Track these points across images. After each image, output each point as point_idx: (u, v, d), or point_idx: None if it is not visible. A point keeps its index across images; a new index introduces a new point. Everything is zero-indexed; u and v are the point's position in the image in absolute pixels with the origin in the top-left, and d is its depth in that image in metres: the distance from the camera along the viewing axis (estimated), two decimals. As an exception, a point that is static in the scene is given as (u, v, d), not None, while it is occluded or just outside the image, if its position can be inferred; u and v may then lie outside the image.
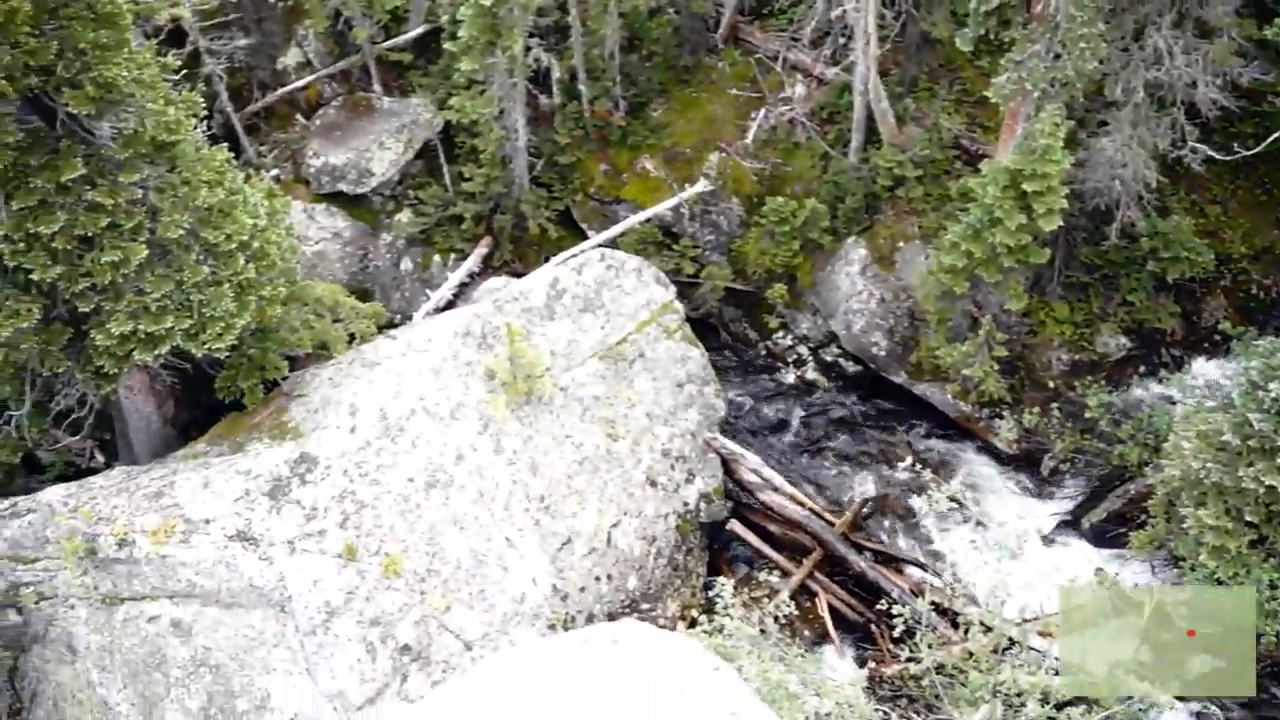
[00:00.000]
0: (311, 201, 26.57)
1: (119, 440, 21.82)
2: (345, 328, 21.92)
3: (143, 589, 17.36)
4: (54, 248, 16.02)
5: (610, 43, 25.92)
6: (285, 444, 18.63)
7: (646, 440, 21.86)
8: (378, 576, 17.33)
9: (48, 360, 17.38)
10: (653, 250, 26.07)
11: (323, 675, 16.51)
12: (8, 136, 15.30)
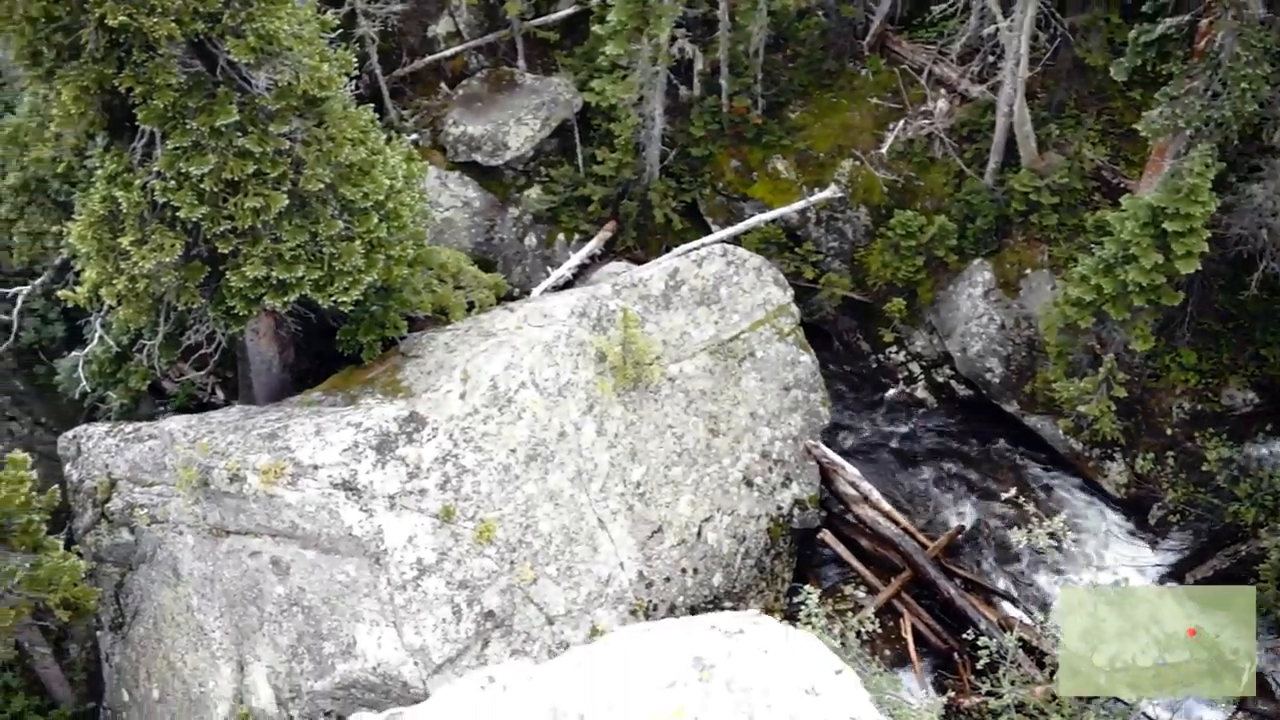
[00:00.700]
0: (446, 169, 27.11)
1: (240, 380, 22.65)
2: (466, 295, 22.36)
3: (248, 524, 18.00)
4: (202, 189, 16.65)
5: (756, 40, 25.86)
6: (396, 402, 19.09)
7: (747, 440, 21.83)
8: (471, 541, 17.66)
9: (184, 296, 18.09)
10: (774, 251, 25.96)
11: (408, 630, 16.90)
12: (171, 78, 15.93)
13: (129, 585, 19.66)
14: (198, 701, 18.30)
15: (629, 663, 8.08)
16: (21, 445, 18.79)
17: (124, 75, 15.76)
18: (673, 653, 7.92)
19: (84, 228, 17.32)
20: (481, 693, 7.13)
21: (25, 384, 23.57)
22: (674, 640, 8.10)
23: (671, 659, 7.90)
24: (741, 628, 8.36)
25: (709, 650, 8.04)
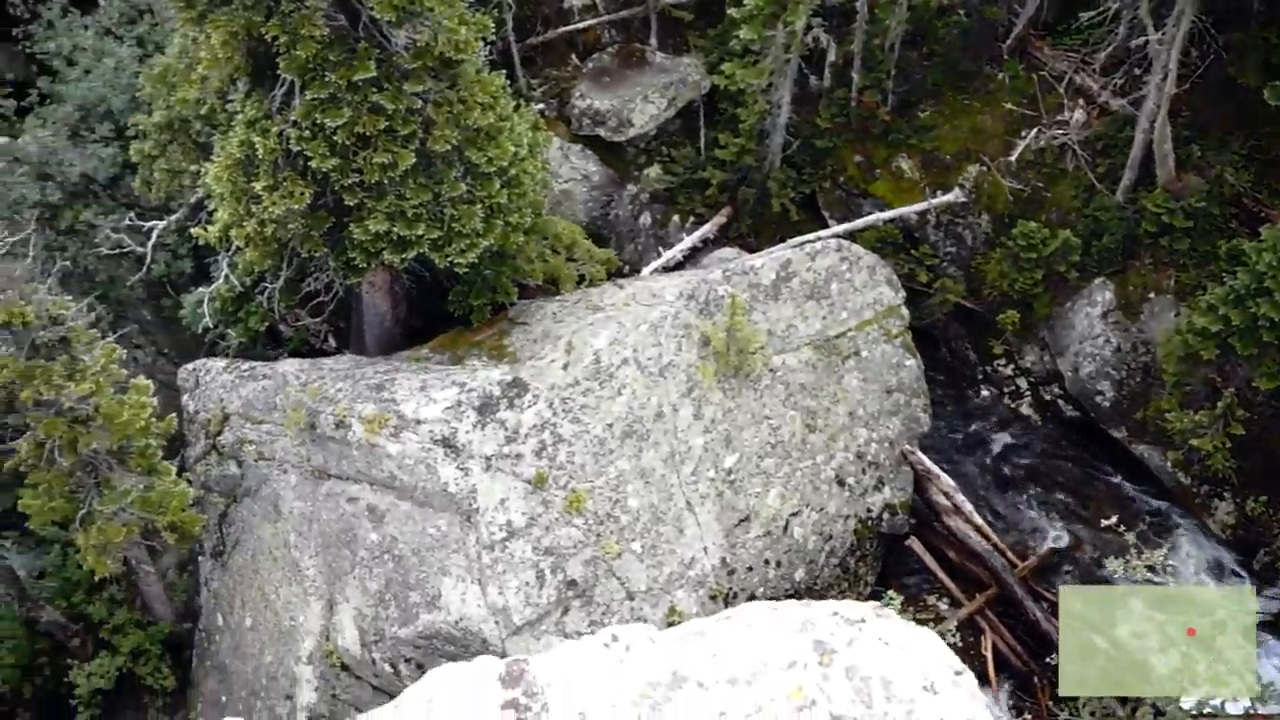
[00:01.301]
0: (569, 141, 27.33)
1: (352, 330, 23.28)
2: (577, 268, 22.59)
3: (349, 470, 18.54)
4: (334, 140, 17.12)
5: (893, 34, 25.48)
6: (501, 366, 19.43)
7: (844, 438, 21.69)
8: (561, 509, 17.92)
9: (307, 244, 18.65)
10: (890, 251, 25.62)
11: (492, 589, 17.24)
12: (315, 30, 16.36)
13: (232, 516, 20.44)
14: (287, 633, 19.00)
15: (750, 639, 8.22)
16: (145, 373, 19.57)
17: (271, 24, 16.26)
18: (794, 634, 8.04)
19: (220, 170, 17.96)
20: (605, 650, 7.33)
21: (152, 315, 24.59)
22: (796, 622, 8.22)
23: (793, 640, 8.03)
24: (864, 617, 8.44)
25: (831, 636, 8.14)
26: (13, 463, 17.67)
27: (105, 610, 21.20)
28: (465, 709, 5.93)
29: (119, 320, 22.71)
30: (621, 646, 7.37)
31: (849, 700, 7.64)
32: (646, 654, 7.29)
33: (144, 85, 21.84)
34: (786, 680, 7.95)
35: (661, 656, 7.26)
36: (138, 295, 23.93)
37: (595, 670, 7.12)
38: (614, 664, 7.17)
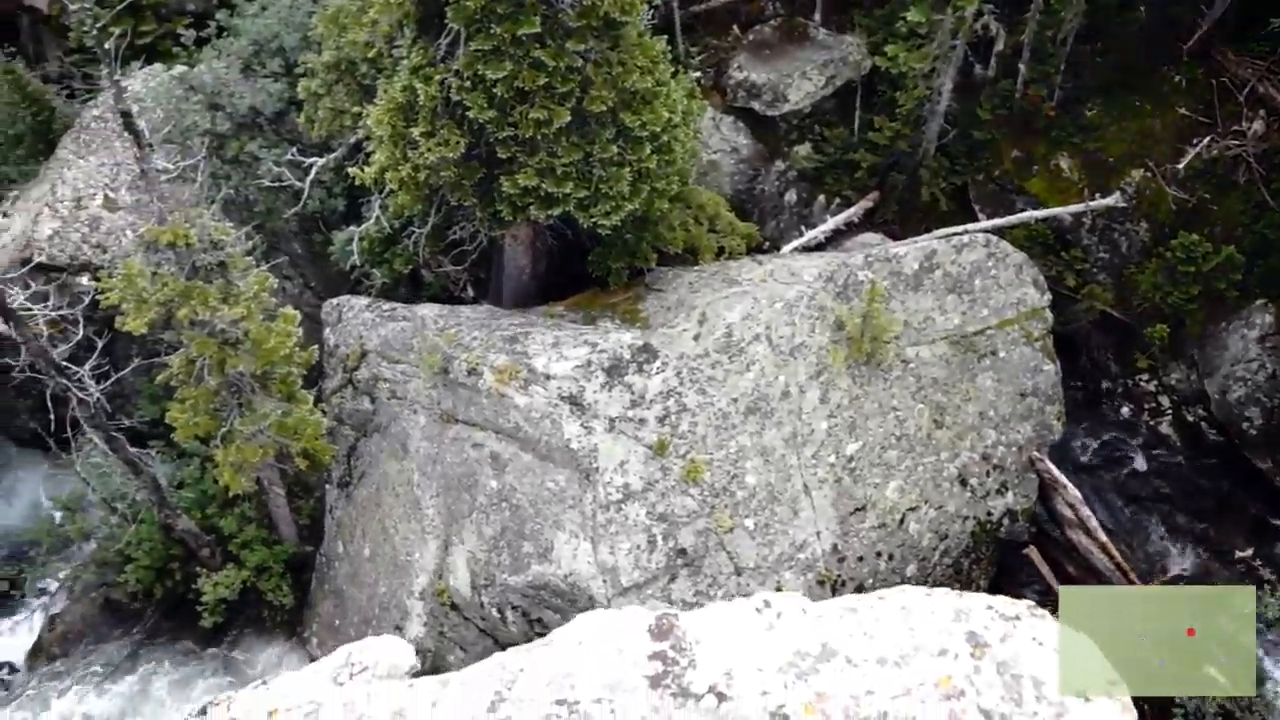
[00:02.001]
0: (722, 112, 27.20)
1: (491, 281, 23.70)
2: (718, 240, 22.54)
3: (476, 417, 18.95)
4: (493, 93, 17.37)
5: (1068, 28, 24.56)
6: (633, 330, 19.56)
7: (971, 438, 21.23)
8: (678, 478, 18.01)
9: (458, 192, 19.01)
10: (1039, 251, 24.84)
11: (603, 548, 17.47)
12: (485, -17, 16.60)
13: (360, 449, 21.12)
14: (402, 567, 19.60)
15: (903, 622, 8.22)
16: (292, 303, 20.30)
17: (444, -26, 16.56)
18: (948, 622, 8.01)
19: (382, 113, 18.41)
20: (757, 615, 7.41)
21: (303, 248, 25.43)
22: (950, 611, 8.19)
23: (946, 628, 8.00)
24: (1019, 614, 8.34)
25: (985, 629, 8.07)
26: (164, 376, 18.56)
27: (235, 525, 22.20)
28: (613, 655, 6.05)
29: (272, 250, 23.53)
30: (773, 613, 7.41)
31: (999, 696, 7.55)
32: (797, 623, 7.32)
33: (316, 25, 22.49)
34: (936, 667, 7.91)
35: (812, 627, 7.28)
36: (291, 228, 24.75)
37: (745, 633, 7.17)
38: (764, 629, 7.22)
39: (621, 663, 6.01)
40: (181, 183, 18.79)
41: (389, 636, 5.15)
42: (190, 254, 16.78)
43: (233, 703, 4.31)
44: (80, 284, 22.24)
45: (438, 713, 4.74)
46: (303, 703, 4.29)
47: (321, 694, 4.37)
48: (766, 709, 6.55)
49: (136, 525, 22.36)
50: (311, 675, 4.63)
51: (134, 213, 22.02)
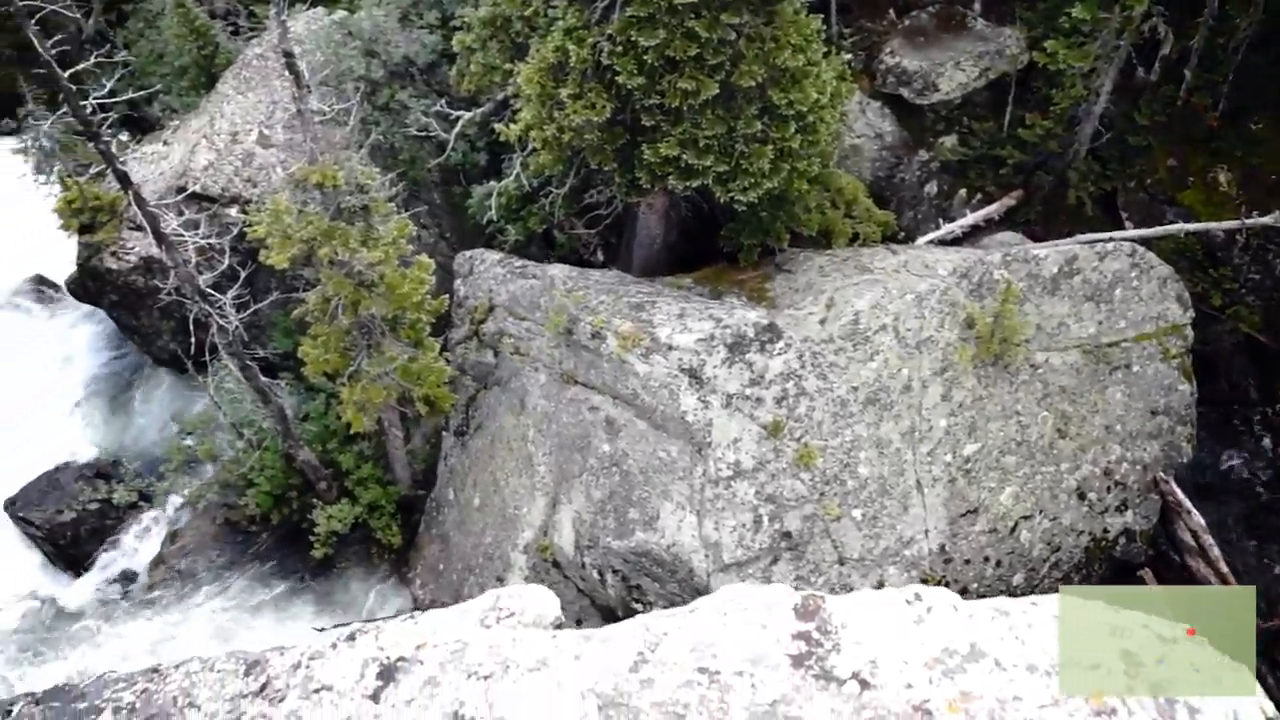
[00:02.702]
0: (869, 96, 26.78)
1: (622, 247, 23.81)
2: (853, 225, 22.26)
3: (595, 380, 19.12)
4: (644, 60, 17.40)
5: (1241, 34, 23.49)
6: (759, 309, 19.47)
7: (1094, 452, 20.62)
8: (790, 461, 17.93)
9: (599, 156, 19.13)
10: (1185, 266, 23.91)
11: (708, 523, 17.51)
12: (646, -51, 16.60)
13: (480, 401, 21.53)
14: (510, 520, 19.96)
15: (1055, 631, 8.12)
16: (427, 252, 20.70)
17: (603, -61, 16.62)
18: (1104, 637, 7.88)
19: (532, 71, 18.60)
20: (906, 606, 7.37)
21: (442, 199, 25.91)
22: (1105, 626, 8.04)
23: (1101, 643, 7.86)
24: (1176, 637, 8.14)
25: (1140, 648, 7.92)
26: (300, 312, 19.16)
27: (353, 462, 22.89)
28: (757, 630, 6.08)
29: (412, 199, 24.02)
30: (923, 607, 7.34)
31: (1150, 718, 7.40)
32: (947, 620, 7.24)
33: (475, -20, 22.82)
34: (1088, 680, 7.75)
35: (962, 626, 7.20)
36: (433, 178, 25.22)
37: (892, 624, 7.12)
38: (912, 622, 7.16)
39: (765, 638, 6.02)
40: (333, 125, 19.28)
41: (537, 586, 5.27)
42: (336, 195, 17.23)
43: (381, 632, 4.49)
44: (229, 215, 23.04)
45: (580, 666, 4.83)
46: (450, 640, 4.44)
47: (468, 634, 4.51)
48: (910, 702, 6.50)
49: (260, 452, 23.22)
50: (459, 615, 4.78)
51: (285, 151, 22.71)
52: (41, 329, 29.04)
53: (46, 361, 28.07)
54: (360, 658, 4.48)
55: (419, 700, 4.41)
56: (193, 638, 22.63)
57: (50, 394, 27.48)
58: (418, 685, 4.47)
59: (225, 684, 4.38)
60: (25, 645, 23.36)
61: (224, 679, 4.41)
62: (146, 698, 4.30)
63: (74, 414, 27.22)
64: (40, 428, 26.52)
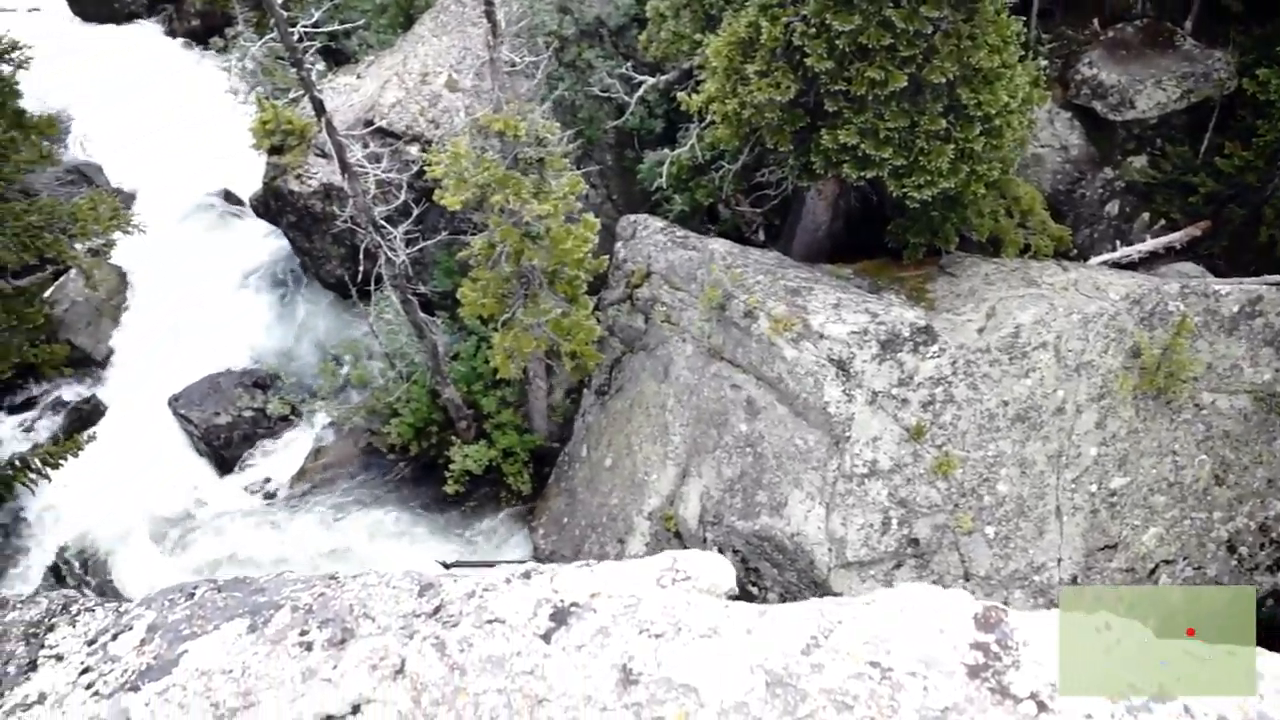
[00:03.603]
0: (1060, 106, 25.88)
1: (784, 230, 23.67)
2: (1025, 236, 21.61)
3: (741, 359, 19.13)
4: (835, 44, 17.19)
5: None
6: (916, 309, 19.13)
7: (1252, 504, 19.62)
8: (928, 468, 17.62)
9: (776, 136, 19.03)
10: (1381, 324, 22.43)
11: (836, 517, 17.38)
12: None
13: (624, 363, 21.77)
14: (638, 485, 20.18)
15: (1250, 685, 7.88)
16: (593, 211, 21.00)
17: (816, -83, 16.44)
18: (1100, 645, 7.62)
19: (722, 44, 18.58)
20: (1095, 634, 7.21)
21: (614, 161, 26.18)
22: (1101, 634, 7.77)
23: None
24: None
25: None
26: (464, 254, 19.68)
27: (495, 406, 23.45)
28: (934, 632, 6.05)
29: (585, 157, 24.35)
30: (1113, 637, 7.13)
31: None
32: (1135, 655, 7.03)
33: (679, -51, 22.86)
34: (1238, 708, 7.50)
35: (1151, 663, 6.99)
36: (608, 139, 25.48)
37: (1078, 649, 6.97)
38: (1100, 651, 6.98)
39: (942, 643, 5.96)
40: (521, 77, 19.65)
41: (715, 554, 5.35)
42: (515, 145, 17.59)
43: (556, 575, 4.65)
44: (410, 153, 23.76)
45: (751, 640, 4.89)
46: (624, 594, 4.56)
47: (643, 591, 4.62)
48: (1087, 733, 6.35)
49: (409, 384, 24.01)
50: (635, 570, 4.90)
51: (471, 96, 23.26)
52: (223, 240, 30.58)
53: (224, 271, 29.57)
54: (534, 596, 4.63)
55: (589, 647, 4.52)
56: (321, 549, 23.66)
57: (223, 302, 28.96)
58: (589, 633, 4.58)
59: (400, 601, 4.60)
60: (171, 533, 24.81)
61: (398, 596, 4.63)
62: (323, 602, 4.55)
63: (241, 324, 28.61)
64: (210, 332, 27.99)
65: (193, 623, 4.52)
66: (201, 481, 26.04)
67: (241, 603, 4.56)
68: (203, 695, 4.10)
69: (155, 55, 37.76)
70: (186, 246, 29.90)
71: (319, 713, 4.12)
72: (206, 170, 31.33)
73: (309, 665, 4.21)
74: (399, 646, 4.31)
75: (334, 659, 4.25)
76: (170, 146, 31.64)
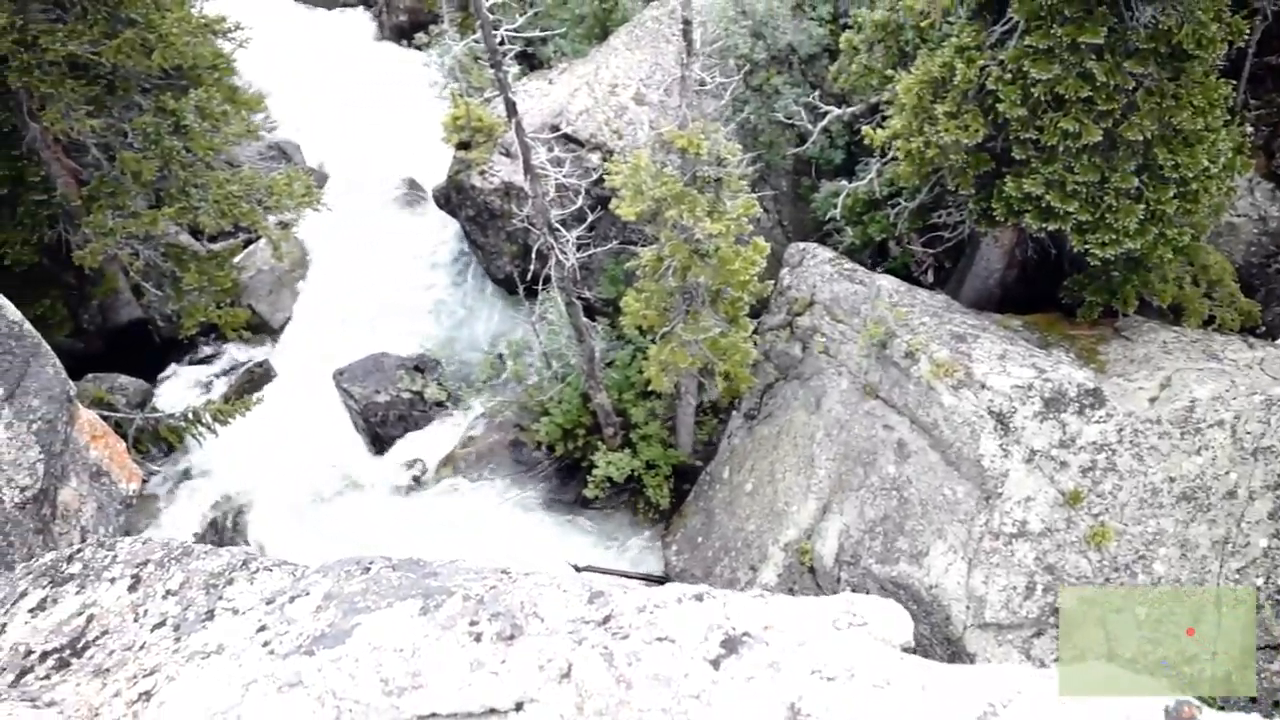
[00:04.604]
0: (1263, 176, 24.59)
1: (955, 273, 23.21)
2: (1210, 307, 20.61)
3: (897, 400, 18.82)
4: (1031, 92, 16.80)
5: None
6: (1086, 370, 18.47)
7: None
8: (1081, 536, 16.97)
9: (958, 179, 18.69)
10: None
11: (978, 575, 16.91)
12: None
13: (776, 390, 21.69)
14: (777, 514, 20.06)
15: None
16: (763, 235, 20.98)
17: (1026, -37, 16.13)
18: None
19: (913, 82, 18.38)
20: None
21: (789, 188, 26.13)
22: None
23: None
24: None
25: None
26: (632, 265, 19.96)
27: (643, 417, 23.69)
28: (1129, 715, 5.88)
29: (760, 181, 24.38)
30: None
31: None
32: None
33: (882, -17, 22.72)
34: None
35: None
36: (785, 165, 25.47)
37: None
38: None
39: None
40: (708, 96, 19.85)
41: (893, 602, 5.25)
42: (695, 163, 17.77)
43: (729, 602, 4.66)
44: (591, 160, 24.23)
45: (925, 696, 4.80)
46: (798, 631, 4.54)
47: (817, 631, 4.59)
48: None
49: (563, 385, 24.47)
50: (810, 607, 4.88)
51: (656, 110, 23.56)
52: (402, 226, 31.78)
53: (399, 256, 30.72)
54: (706, 620, 4.64)
55: (759, 680, 4.50)
56: (459, 534, 24.28)
57: (395, 286, 30.07)
58: (760, 665, 4.56)
59: (569, 605, 4.69)
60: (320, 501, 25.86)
61: (568, 600, 4.72)
62: (495, 595, 4.69)
63: (410, 308, 29.65)
64: (379, 313, 29.10)
65: (367, 596, 4.72)
66: (355, 455, 27.05)
67: (415, 584, 4.74)
68: (373, 669, 4.28)
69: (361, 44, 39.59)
70: (367, 229, 31.19)
71: (484, 704, 4.23)
72: (395, 158, 32.63)
73: (477, 656, 4.34)
74: (567, 650, 4.40)
75: (502, 653, 4.37)
76: (365, 132, 33.08)
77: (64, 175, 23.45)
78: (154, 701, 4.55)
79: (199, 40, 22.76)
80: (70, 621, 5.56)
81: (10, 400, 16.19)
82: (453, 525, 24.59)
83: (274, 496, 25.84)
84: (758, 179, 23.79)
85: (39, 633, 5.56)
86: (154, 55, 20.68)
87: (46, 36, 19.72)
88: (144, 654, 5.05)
